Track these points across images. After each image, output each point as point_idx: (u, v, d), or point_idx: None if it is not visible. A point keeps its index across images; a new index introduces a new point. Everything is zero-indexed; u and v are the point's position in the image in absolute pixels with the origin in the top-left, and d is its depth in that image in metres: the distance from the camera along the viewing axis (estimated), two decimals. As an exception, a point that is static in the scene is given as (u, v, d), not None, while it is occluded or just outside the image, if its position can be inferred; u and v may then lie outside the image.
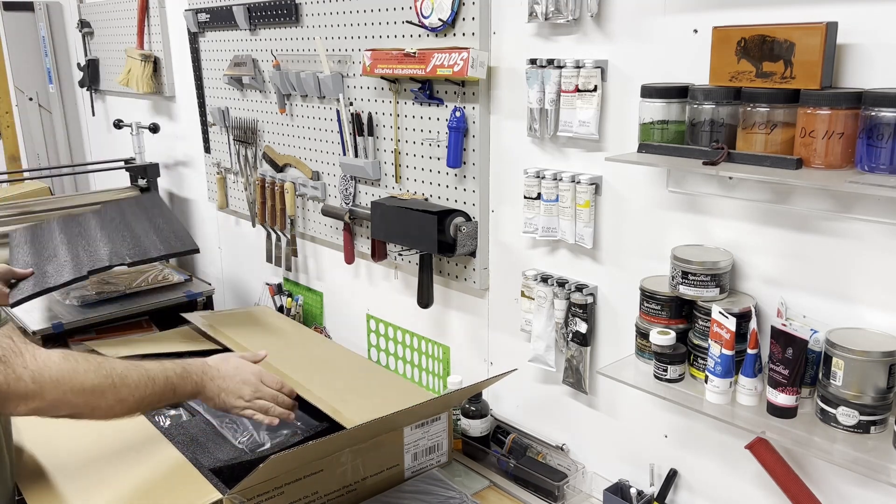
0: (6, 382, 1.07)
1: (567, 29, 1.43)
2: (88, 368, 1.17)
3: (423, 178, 1.80)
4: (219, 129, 2.56)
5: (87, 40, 3.45)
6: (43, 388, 1.10)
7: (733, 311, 1.17)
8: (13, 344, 1.10)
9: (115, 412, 1.21)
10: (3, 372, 1.07)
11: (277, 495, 1.25)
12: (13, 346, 1.10)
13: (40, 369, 1.10)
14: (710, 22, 1.17)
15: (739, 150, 1.14)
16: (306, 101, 2.14)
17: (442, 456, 1.50)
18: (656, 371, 1.28)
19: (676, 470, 1.42)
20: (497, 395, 1.76)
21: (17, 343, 1.11)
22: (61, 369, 1.13)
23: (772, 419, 1.14)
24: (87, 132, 3.89)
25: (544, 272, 1.57)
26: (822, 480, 1.20)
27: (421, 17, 1.67)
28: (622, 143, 1.37)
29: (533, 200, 1.52)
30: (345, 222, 2.03)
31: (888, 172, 1.00)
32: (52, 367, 1.12)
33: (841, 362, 1.07)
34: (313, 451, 1.25)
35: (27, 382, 1.09)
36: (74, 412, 1.17)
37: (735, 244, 1.26)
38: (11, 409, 1.10)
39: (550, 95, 1.44)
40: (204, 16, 2.46)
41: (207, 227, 2.93)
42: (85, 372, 1.16)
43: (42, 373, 1.10)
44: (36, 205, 2.70)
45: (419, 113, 1.77)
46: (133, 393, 1.22)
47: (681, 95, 1.22)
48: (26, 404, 1.10)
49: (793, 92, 1.08)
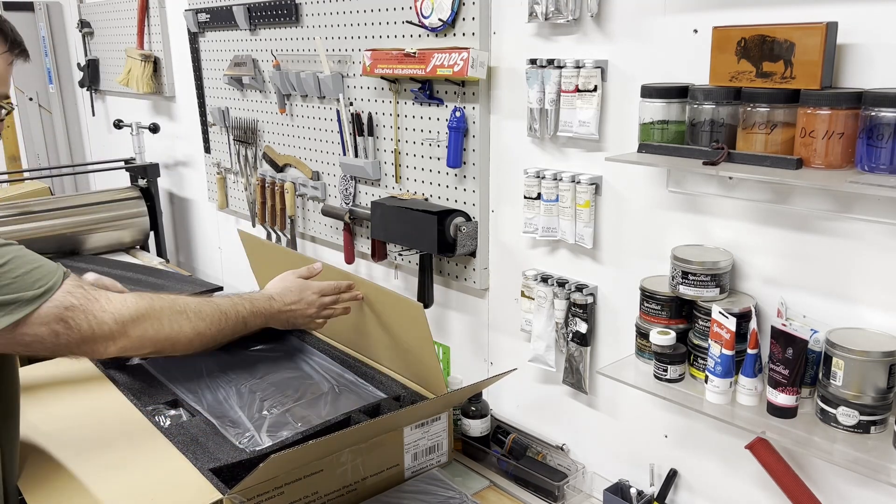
0: (90, 329, 1.12)
1: (567, 29, 1.43)
2: (163, 305, 1.23)
3: (423, 178, 1.80)
4: (219, 129, 2.56)
5: (87, 40, 3.46)
6: (126, 327, 1.16)
7: (733, 311, 1.17)
8: (86, 292, 1.14)
9: (194, 345, 1.28)
10: (86, 319, 1.12)
11: (277, 495, 1.25)
12: (86, 294, 1.14)
13: (119, 310, 1.16)
14: (710, 22, 1.17)
15: (739, 150, 1.14)
16: (306, 101, 2.14)
17: (442, 456, 1.50)
18: (656, 371, 1.28)
19: (676, 470, 1.42)
20: (497, 395, 1.76)
21: (89, 291, 1.15)
22: (139, 307, 1.19)
23: (772, 419, 1.14)
24: (87, 132, 3.89)
25: (544, 272, 1.57)
26: (822, 480, 1.20)
27: (421, 17, 1.67)
28: (622, 143, 1.37)
29: (533, 200, 1.52)
30: (345, 222, 2.03)
31: (888, 172, 1.00)
32: (130, 307, 1.18)
33: (841, 362, 1.07)
34: (313, 451, 1.25)
35: (110, 324, 1.14)
36: (157, 348, 1.23)
37: (735, 244, 1.26)
38: (101, 351, 1.16)
39: (550, 95, 1.44)
40: (204, 16, 2.46)
41: (207, 227, 2.93)
42: (161, 308, 1.22)
43: (122, 312, 1.16)
44: (36, 205, 2.70)
45: (419, 113, 1.77)
46: (210, 326, 1.29)
47: (681, 95, 1.22)
48: (115, 343, 1.16)
49: (793, 92, 1.08)
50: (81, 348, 1.15)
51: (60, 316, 1.09)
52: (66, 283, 1.13)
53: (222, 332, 1.33)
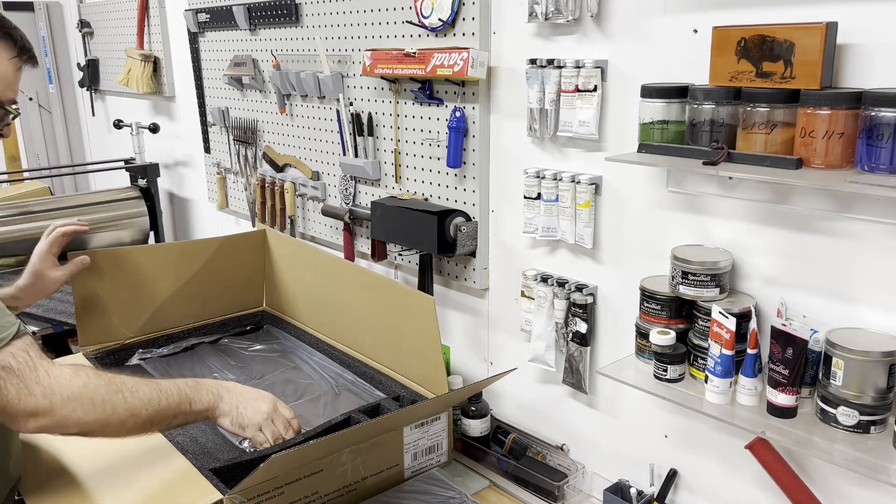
0: (18, 397, 1.07)
1: (567, 29, 1.43)
2: (99, 383, 1.15)
3: (423, 178, 1.80)
4: (219, 129, 2.56)
5: (87, 40, 3.46)
6: (53, 405, 1.09)
7: (733, 311, 1.17)
8: (29, 359, 1.09)
9: (127, 428, 1.19)
10: (17, 386, 1.07)
11: (277, 495, 1.25)
12: (28, 361, 1.09)
13: (52, 386, 1.09)
14: (710, 22, 1.17)
15: (739, 150, 1.14)
16: (306, 101, 2.14)
17: (442, 456, 1.50)
18: (656, 371, 1.28)
19: (676, 470, 1.42)
20: (497, 395, 1.76)
21: (33, 358, 1.10)
22: (72, 385, 1.12)
23: (772, 419, 1.14)
24: (87, 132, 3.89)
25: (544, 272, 1.57)
26: (822, 480, 1.20)
27: (421, 17, 1.67)
28: (622, 143, 1.37)
29: (533, 200, 1.52)
30: (345, 222, 2.03)
31: (888, 172, 1.00)
32: (63, 384, 1.11)
33: (841, 362, 1.07)
34: (313, 451, 1.25)
35: (38, 398, 1.08)
36: (84, 430, 1.15)
37: (735, 244, 1.26)
38: (21, 424, 1.09)
39: (550, 95, 1.44)
40: (204, 16, 2.46)
41: (207, 228, 2.93)
42: (95, 387, 1.14)
43: (54, 389, 1.09)
44: (36, 205, 2.70)
45: (419, 113, 1.77)
46: (146, 406, 1.19)
47: (681, 95, 1.22)
48: (35, 420, 1.09)
49: (793, 92, 1.08)
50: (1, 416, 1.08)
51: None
52: (16, 343, 1.09)
53: (160, 414, 1.21)
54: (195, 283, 1.93)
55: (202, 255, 1.94)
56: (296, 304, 1.98)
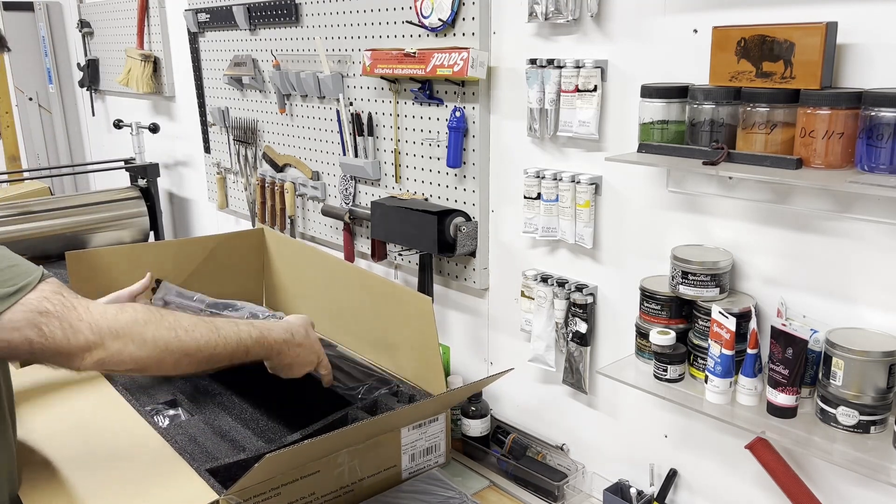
0: (65, 338, 1.04)
1: (567, 29, 1.43)
2: (149, 319, 1.13)
3: (423, 178, 1.80)
4: (219, 129, 2.56)
5: (87, 40, 3.46)
6: (103, 338, 1.07)
7: (733, 311, 1.17)
8: (64, 299, 1.07)
9: (181, 367, 1.17)
10: (61, 328, 1.04)
11: (274, 496, 1.24)
12: (64, 301, 1.06)
13: (97, 321, 1.07)
14: (710, 22, 1.17)
15: (739, 150, 1.14)
16: (306, 101, 2.14)
17: (440, 457, 1.49)
18: (656, 371, 1.28)
19: (676, 470, 1.42)
20: (497, 395, 1.75)
21: (67, 297, 1.07)
22: (119, 319, 1.09)
23: (772, 419, 1.14)
24: (87, 132, 3.89)
25: (544, 272, 1.57)
26: (822, 480, 1.20)
27: (421, 17, 1.67)
28: (622, 143, 1.37)
29: (533, 200, 1.52)
30: (345, 222, 2.03)
31: (888, 172, 1.00)
32: (109, 318, 1.08)
33: (841, 362, 1.07)
34: (310, 451, 1.25)
35: (86, 334, 1.06)
36: (140, 366, 1.12)
37: (735, 244, 1.25)
38: (77, 363, 1.07)
39: (550, 95, 1.44)
40: (204, 16, 2.46)
41: (207, 227, 2.93)
42: (146, 323, 1.12)
43: (99, 323, 1.07)
44: (36, 205, 2.70)
45: (419, 113, 1.77)
46: (201, 349, 1.17)
47: (681, 95, 1.22)
48: (91, 355, 1.07)
49: (793, 92, 1.08)
50: (56, 359, 1.07)
51: (34, 322, 1.02)
52: (43, 287, 1.06)
53: (216, 357, 1.20)
54: (192, 282, 1.93)
55: (199, 253, 1.94)
56: (294, 305, 1.98)
